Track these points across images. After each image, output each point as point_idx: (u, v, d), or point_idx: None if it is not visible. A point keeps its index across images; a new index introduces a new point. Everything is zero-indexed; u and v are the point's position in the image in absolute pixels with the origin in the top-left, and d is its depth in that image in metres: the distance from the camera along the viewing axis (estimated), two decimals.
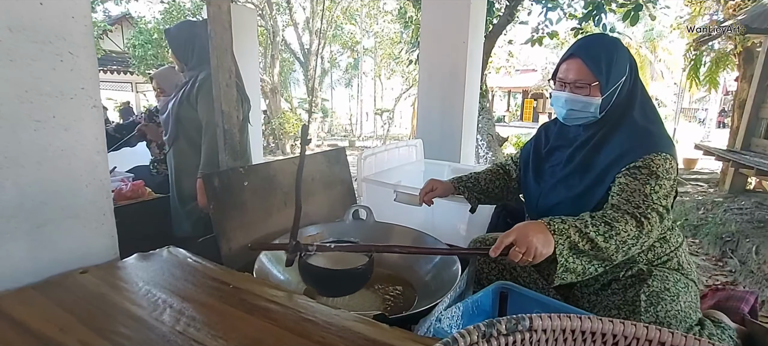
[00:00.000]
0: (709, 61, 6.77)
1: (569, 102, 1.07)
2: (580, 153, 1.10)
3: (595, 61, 1.04)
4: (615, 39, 1.10)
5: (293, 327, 0.69)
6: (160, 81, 2.13)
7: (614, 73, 1.04)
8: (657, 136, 1.03)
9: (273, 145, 11.03)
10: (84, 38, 0.89)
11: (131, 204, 1.90)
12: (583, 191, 1.06)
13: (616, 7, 4.56)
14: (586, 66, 1.04)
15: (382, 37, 12.90)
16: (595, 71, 1.03)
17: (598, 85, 1.04)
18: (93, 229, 0.95)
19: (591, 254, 0.93)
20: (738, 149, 5.30)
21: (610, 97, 1.05)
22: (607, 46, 1.07)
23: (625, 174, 1.00)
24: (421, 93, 2.75)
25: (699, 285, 1.08)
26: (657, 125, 1.07)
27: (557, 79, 1.11)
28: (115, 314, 0.73)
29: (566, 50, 1.11)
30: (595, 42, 1.08)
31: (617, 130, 1.06)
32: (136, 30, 10.05)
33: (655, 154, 0.99)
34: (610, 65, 1.04)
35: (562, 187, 1.11)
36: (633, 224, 0.93)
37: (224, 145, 1.16)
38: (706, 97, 16.19)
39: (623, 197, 0.97)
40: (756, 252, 3.18)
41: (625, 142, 1.03)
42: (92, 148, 0.93)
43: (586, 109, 1.06)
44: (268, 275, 1.01)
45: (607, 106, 1.07)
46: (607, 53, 1.05)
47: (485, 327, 0.54)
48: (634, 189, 0.97)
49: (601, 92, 1.04)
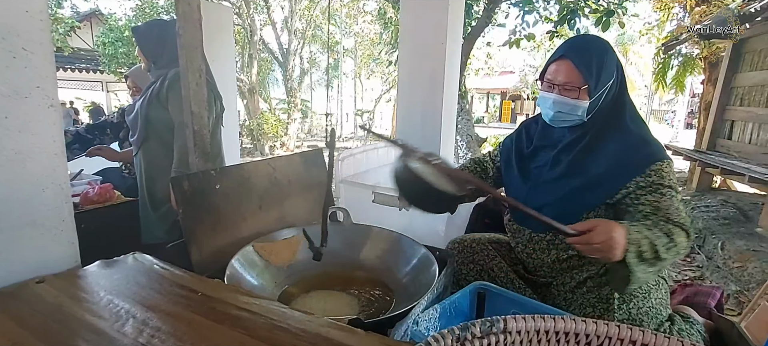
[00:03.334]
0: (677, 65, 7.05)
1: (557, 104, 1.06)
2: (567, 155, 1.09)
3: (586, 64, 1.02)
4: (605, 41, 1.08)
5: (265, 336, 0.67)
6: (136, 79, 2.06)
7: (604, 77, 1.03)
8: (654, 143, 1.03)
9: (251, 147, 10.84)
10: (40, 34, 0.84)
11: (99, 209, 1.82)
12: (570, 193, 1.06)
13: (589, 13, 4.69)
14: (576, 68, 1.02)
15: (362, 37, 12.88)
16: (585, 74, 1.02)
17: (588, 88, 1.02)
18: (52, 236, 0.90)
19: (652, 263, 0.90)
20: (704, 149, 5.53)
21: (597, 100, 1.04)
22: (597, 48, 1.05)
23: (647, 192, 0.97)
24: (401, 94, 2.75)
25: (668, 281, 1.12)
26: (648, 131, 1.07)
27: (545, 79, 1.09)
28: (73, 327, 0.69)
29: (556, 50, 1.10)
30: (586, 44, 1.06)
31: (609, 135, 1.05)
32: (105, 27, 9.70)
33: (660, 163, 0.98)
34: (600, 68, 1.02)
35: (549, 188, 1.10)
36: (684, 236, 0.92)
37: (194, 147, 1.12)
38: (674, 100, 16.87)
39: (661, 215, 0.95)
40: (721, 248, 3.32)
41: (624, 151, 1.01)
42: (50, 150, 0.87)
43: (573, 112, 1.05)
44: (241, 281, 0.97)
45: (594, 110, 1.06)
46: (598, 56, 1.03)
47: (459, 331, 0.53)
48: (667, 206, 0.95)
49: (589, 95, 1.03)
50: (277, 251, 1.13)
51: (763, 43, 4.73)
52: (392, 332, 0.84)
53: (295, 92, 12.02)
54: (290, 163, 1.47)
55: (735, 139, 5.23)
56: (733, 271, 3.01)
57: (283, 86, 12.68)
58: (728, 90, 5.42)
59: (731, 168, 4.25)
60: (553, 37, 5.25)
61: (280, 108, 13.67)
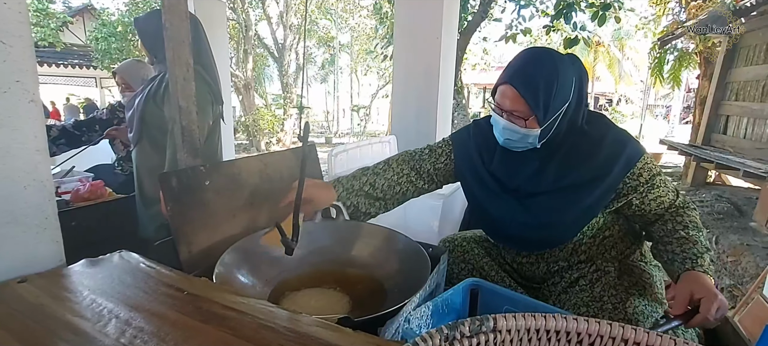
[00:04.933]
0: (673, 60, 7.06)
1: (506, 130, 0.98)
2: (541, 185, 1.02)
3: (532, 94, 0.92)
4: (556, 60, 0.95)
5: (251, 336, 0.65)
6: (124, 75, 2.02)
7: (554, 103, 0.93)
8: (627, 143, 0.99)
9: (247, 143, 10.79)
10: (19, 26, 0.81)
11: (89, 206, 1.80)
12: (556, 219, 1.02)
13: (586, 7, 4.67)
14: (521, 97, 0.93)
15: (358, 32, 12.81)
16: (531, 105, 0.92)
17: (536, 117, 0.94)
18: (34, 234, 0.87)
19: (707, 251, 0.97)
20: (699, 144, 5.56)
21: (550, 126, 0.96)
22: (546, 73, 0.92)
23: (648, 190, 0.99)
24: (396, 89, 2.73)
25: (662, 273, 1.11)
26: (613, 129, 1.03)
27: (496, 102, 1.00)
28: (54, 328, 0.67)
29: (502, 72, 0.99)
30: (533, 68, 0.94)
31: (579, 152, 1.00)
32: (98, 22, 9.58)
33: (641, 160, 0.99)
34: (548, 96, 0.92)
35: (532, 217, 1.04)
36: (694, 212, 1.03)
37: (183, 143, 1.10)
38: (669, 95, 16.93)
39: (666, 207, 1.02)
40: (716, 242, 3.33)
41: (603, 164, 0.97)
42: (31, 146, 0.85)
43: (524, 139, 0.98)
44: (230, 280, 0.96)
45: (549, 133, 0.98)
46: (547, 83, 0.92)
47: (448, 330, 0.52)
48: (665, 193, 1.01)
49: (539, 123, 0.95)
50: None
51: (758, 39, 4.74)
52: (383, 330, 0.83)
53: (291, 88, 11.96)
54: (282, 159, 1.45)
55: (730, 134, 5.25)
56: (727, 265, 3.03)
57: (278, 82, 12.62)
58: (723, 85, 5.44)
59: (726, 163, 4.27)
60: (550, 32, 5.24)
61: (276, 104, 13.61)
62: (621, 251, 1.06)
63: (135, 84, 1.99)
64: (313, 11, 12.12)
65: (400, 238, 1.16)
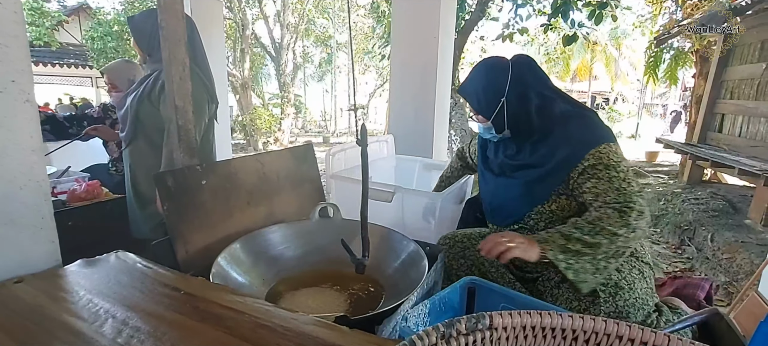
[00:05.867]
0: (669, 59, 7.08)
1: (477, 127, 1.26)
2: (511, 164, 1.19)
3: (470, 96, 1.20)
4: (484, 65, 1.19)
5: (248, 335, 0.65)
6: (112, 76, 2.02)
7: (488, 99, 1.14)
8: (588, 131, 1.07)
9: (244, 143, 10.76)
10: (14, 27, 0.81)
11: (86, 206, 1.79)
12: (519, 194, 1.15)
13: (582, 6, 4.68)
14: (466, 100, 1.23)
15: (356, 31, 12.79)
16: (471, 103, 1.21)
17: (481, 113, 1.18)
18: (30, 234, 0.87)
19: (588, 252, 0.95)
20: (695, 143, 5.58)
21: (499, 117, 1.14)
22: (474, 78, 1.19)
23: (588, 179, 1.02)
24: (393, 88, 2.73)
25: (654, 269, 1.12)
26: (581, 119, 1.11)
27: None
28: (51, 328, 0.67)
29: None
30: (468, 78, 1.21)
31: (541, 136, 1.12)
32: (94, 22, 9.51)
33: (595, 148, 1.02)
34: (479, 94, 1.16)
35: (501, 191, 1.21)
36: (616, 216, 0.96)
37: (179, 143, 1.10)
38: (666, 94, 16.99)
39: (600, 200, 1.00)
40: (711, 240, 3.35)
41: (558, 148, 1.08)
42: (27, 146, 0.85)
43: (488, 132, 1.20)
44: (227, 279, 0.96)
45: (504, 123, 1.15)
46: (475, 85, 1.17)
47: (444, 328, 0.52)
48: (604, 189, 1.00)
49: (486, 118, 1.17)
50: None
51: (753, 37, 4.76)
52: (380, 328, 0.84)
53: (289, 87, 11.93)
54: (279, 159, 1.45)
55: (725, 132, 5.28)
56: (723, 262, 3.04)
57: (275, 81, 12.58)
58: (719, 84, 5.46)
59: (721, 161, 4.29)
60: (547, 31, 5.25)
61: (273, 103, 13.58)
62: None
63: (121, 84, 1.99)
64: (311, 10, 12.08)
65: (398, 236, 1.16)
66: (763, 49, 4.71)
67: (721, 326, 1.06)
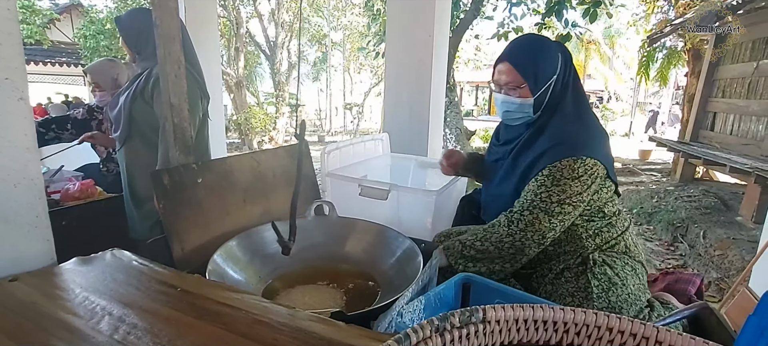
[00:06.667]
0: (662, 58, 7.15)
1: (504, 103, 1.12)
2: (512, 154, 1.14)
3: (522, 63, 1.08)
4: (542, 38, 1.14)
5: (245, 331, 0.66)
6: (95, 76, 2.00)
7: (542, 73, 1.07)
8: (575, 140, 1.03)
9: (239, 142, 10.71)
10: (7, 23, 0.80)
11: (80, 205, 1.78)
12: (511, 190, 1.11)
13: (577, 4, 4.71)
14: (514, 69, 1.08)
15: (350, 30, 12.77)
16: (522, 73, 1.07)
17: (528, 86, 1.07)
18: (25, 233, 0.87)
19: (481, 257, 1.03)
20: (687, 141, 5.64)
21: (542, 96, 1.08)
22: (532, 46, 1.11)
23: (535, 178, 1.03)
24: (388, 86, 2.74)
25: (646, 266, 1.14)
26: (582, 126, 1.08)
27: (494, 81, 1.16)
28: (46, 325, 0.67)
29: (499, 55, 1.15)
30: (521, 44, 1.13)
31: (545, 130, 1.09)
32: (86, 20, 9.42)
33: (571, 159, 0.99)
34: (536, 66, 1.07)
35: (498, 185, 1.18)
36: (505, 224, 1.02)
37: (175, 141, 1.10)
38: (659, 92, 17.13)
39: (522, 201, 1.04)
40: (703, 237, 3.40)
41: (545, 144, 1.06)
42: (21, 144, 0.84)
43: (521, 109, 1.10)
44: (223, 277, 0.96)
45: (542, 105, 1.10)
46: (533, 54, 1.09)
47: (438, 321, 0.53)
48: (527, 190, 1.03)
49: (532, 93, 1.08)
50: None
51: (744, 37, 4.82)
52: (376, 324, 0.84)
53: (283, 86, 11.89)
54: (275, 157, 1.45)
55: (717, 130, 5.34)
56: (714, 259, 3.08)
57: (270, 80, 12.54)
58: (711, 82, 5.53)
59: (713, 159, 4.35)
60: (541, 29, 5.28)
61: (268, 102, 13.53)
62: (605, 239, 1.09)
63: (105, 84, 1.98)
64: (305, 9, 12.04)
65: (393, 234, 1.17)
66: (754, 48, 4.77)
67: (711, 320, 1.08)
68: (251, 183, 1.31)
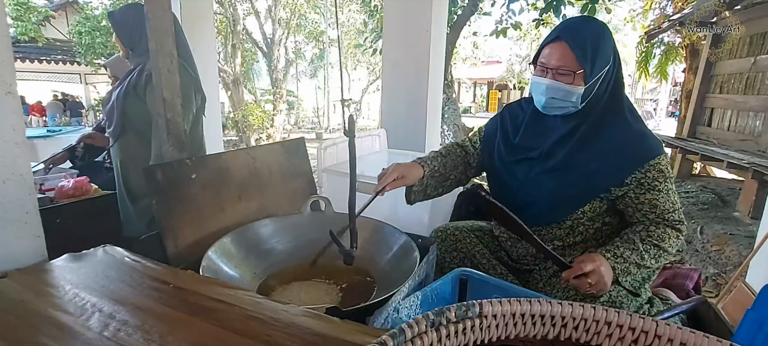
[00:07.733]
0: (659, 54, 7.15)
1: (550, 89, 0.99)
2: (563, 149, 1.03)
3: (581, 47, 0.95)
4: (602, 23, 1.02)
5: (238, 327, 0.65)
6: (115, 70, 2.00)
7: (599, 62, 0.97)
8: (651, 137, 1.00)
9: (236, 139, 10.67)
10: None
11: (75, 202, 1.76)
12: (563, 187, 1.03)
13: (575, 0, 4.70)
14: (571, 51, 0.96)
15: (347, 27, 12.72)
16: (580, 58, 0.95)
17: (583, 73, 0.96)
18: (14, 229, 0.85)
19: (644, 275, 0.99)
20: (685, 137, 5.65)
21: (593, 87, 0.98)
22: (594, 30, 0.98)
23: (647, 190, 0.97)
24: (386, 83, 2.72)
25: None
26: (644, 124, 1.04)
27: (539, 63, 1.02)
28: (36, 323, 0.66)
29: (550, 32, 1.02)
30: (582, 25, 1.00)
31: (606, 128, 1.00)
32: (82, 16, 9.34)
33: (658, 158, 0.97)
34: (596, 52, 0.96)
35: (542, 181, 1.06)
36: (675, 235, 0.97)
37: (168, 136, 1.08)
38: (657, 89, 17.14)
39: (657, 213, 0.97)
40: (701, 232, 3.40)
41: (622, 146, 0.98)
42: (9, 139, 0.83)
43: (567, 98, 0.99)
44: (218, 273, 0.95)
45: (589, 97, 1.00)
46: (594, 39, 0.96)
47: (434, 316, 0.52)
48: (664, 203, 0.97)
49: (584, 81, 0.97)
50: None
51: (742, 32, 4.81)
52: (371, 319, 0.83)
53: (281, 83, 11.85)
54: (271, 153, 1.44)
55: (714, 126, 5.34)
56: (712, 254, 3.09)
57: (267, 77, 12.48)
58: (708, 78, 5.53)
59: (710, 154, 4.35)
60: (539, 26, 5.27)
61: (266, 99, 13.48)
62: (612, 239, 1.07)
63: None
64: (302, 5, 11.98)
65: (390, 229, 1.16)
66: (751, 43, 4.77)
67: (709, 314, 1.08)
68: (246, 179, 1.30)
